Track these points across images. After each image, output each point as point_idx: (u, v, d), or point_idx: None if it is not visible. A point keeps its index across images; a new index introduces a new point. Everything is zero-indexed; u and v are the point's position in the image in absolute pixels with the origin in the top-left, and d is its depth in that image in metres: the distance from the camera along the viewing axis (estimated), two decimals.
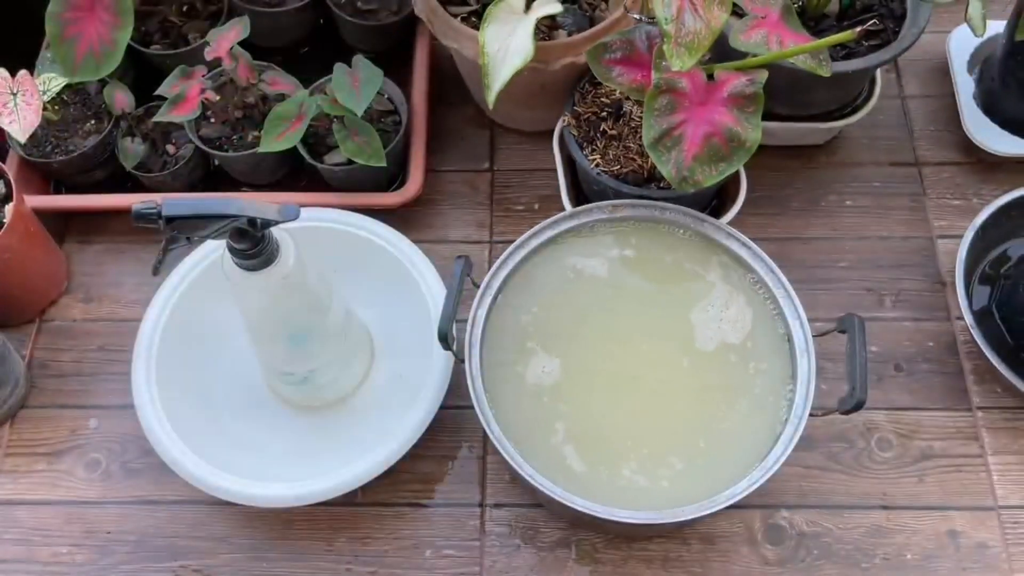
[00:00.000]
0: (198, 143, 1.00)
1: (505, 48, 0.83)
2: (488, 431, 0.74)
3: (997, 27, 1.02)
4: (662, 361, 0.80)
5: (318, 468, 0.83)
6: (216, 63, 0.97)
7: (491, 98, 0.83)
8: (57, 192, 1.07)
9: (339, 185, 1.01)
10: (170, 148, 1.03)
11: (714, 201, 0.96)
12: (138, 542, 0.87)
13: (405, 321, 0.91)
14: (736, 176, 0.92)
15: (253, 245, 0.68)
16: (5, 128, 0.93)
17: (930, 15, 0.91)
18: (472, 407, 0.75)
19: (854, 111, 1.00)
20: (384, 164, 0.95)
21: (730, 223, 0.87)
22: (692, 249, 0.84)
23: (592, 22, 1.00)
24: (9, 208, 0.90)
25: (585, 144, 0.92)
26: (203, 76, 0.97)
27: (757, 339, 0.80)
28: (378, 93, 0.97)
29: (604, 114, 0.93)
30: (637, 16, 0.86)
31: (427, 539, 0.87)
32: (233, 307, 0.78)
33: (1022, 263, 0.96)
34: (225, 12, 1.09)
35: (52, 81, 0.98)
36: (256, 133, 1.00)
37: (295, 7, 1.09)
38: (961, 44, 1.09)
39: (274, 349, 0.83)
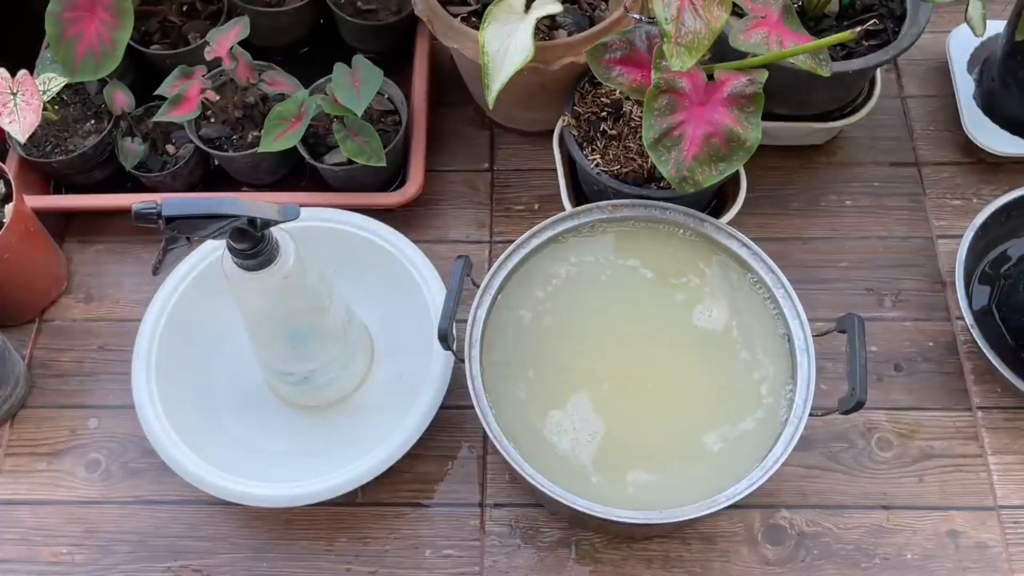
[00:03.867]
0: (198, 143, 1.00)
1: (505, 48, 0.83)
2: (488, 431, 0.74)
3: (997, 27, 1.02)
4: (662, 361, 0.80)
5: (318, 468, 0.83)
6: (216, 63, 0.97)
7: (491, 98, 0.83)
8: (57, 192, 1.07)
9: (339, 185, 1.01)
10: (170, 148, 1.03)
11: (714, 201, 0.96)
12: (138, 542, 0.87)
13: (405, 321, 0.91)
14: (736, 176, 0.92)
15: (253, 245, 0.68)
16: (5, 128, 0.93)
17: (930, 15, 0.91)
18: (472, 407, 0.75)
19: (854, 111, 1.00)
20: (384, 164, 0.95)
21: (730, 223, 0.87)
22: (692, 249, 0.84)
23: (592, 22, 1.00)
24: (9, 208, 0.90)
25: (585, 144, 0.92)
26: (203, 76, 0.97)
27: (757, 339, 0.80)
28: (378, 93, 0.97)
29: (604, 114, 0.93)
30: (637, 16, 0.86)
31: (427, 539, 0.87)
32: (233, 307, 0.77)
33: (1022, 263, 0.96)
34: (225, 12, 1.09)
35: (52, 81, 0.98)
36: (256, 133, 1.00)
37: (295, 7, 1.09)
38: (961, 44, 1.09)
39: (274, 349, 0.83)
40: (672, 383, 0.79)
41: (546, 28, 0.98)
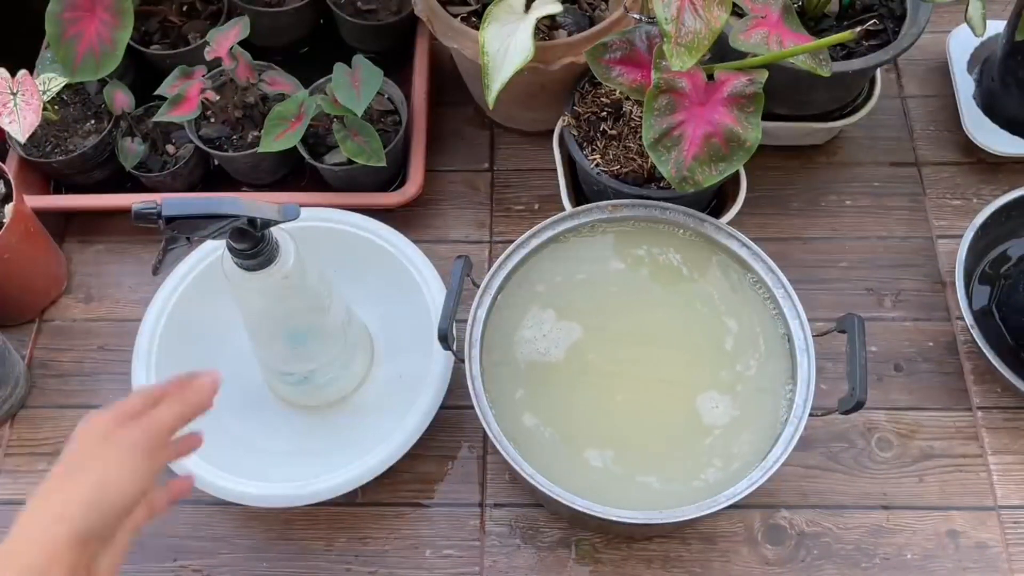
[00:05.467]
0: (198, 143, 1.00)
1: (505, 48, 0.83)
2: (488, 431, 0.74)
3: (997, 27, 1.02)
4: (662, 361, 0.80)
5: (318, 468, 0.83)
6: (216, 63, 0.97)
7: (491, 98, 0.83)
8: (57, 192, 1.07)
9: (339, 185, 1.01)
10: (170, 148, 1.03)
11: (714, 201, 0.96)
12: (138, 542, 0.86)
13: (405, 321, 0.91)
14: (736, 176, 0.92)
15: (253, 245, 0.68)
16: (5, 128, 0.93)
17: (930, 15, 0.91)
18: (472, 407, 0.75)
19: (854, 111, 1.00)
20: (384, 164, 0.95)
21: (730, 223, 0.87)
22: (692, 249, 0.84)
23: (592, 22, 1.00)
24: (9, 208, 0.90)
25: (585, 144, 0.92)
26: (203, 76, 0.97)
27: (756, 339, 0.80)
28: (378, 93, 0.97)
29: (604, 114, 0.93)
30: (637, 16, 0.86)
31: (427, 539, 0.87)
32: (233, 307, 0.77)
33: (1022, 263, 0.96)
34: (225, 12, 1.09)
35: (52, 81, 0.98)
36: (256, 133, 1.00)
37: (295, 7, 1.09)
38: (961, 44, 1.09)
39: (274, 349, 0.83)
40: (672, 382, 0.79)
41: (546, 28, 0.98)
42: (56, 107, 1.02)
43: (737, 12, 0.82)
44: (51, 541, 0.52)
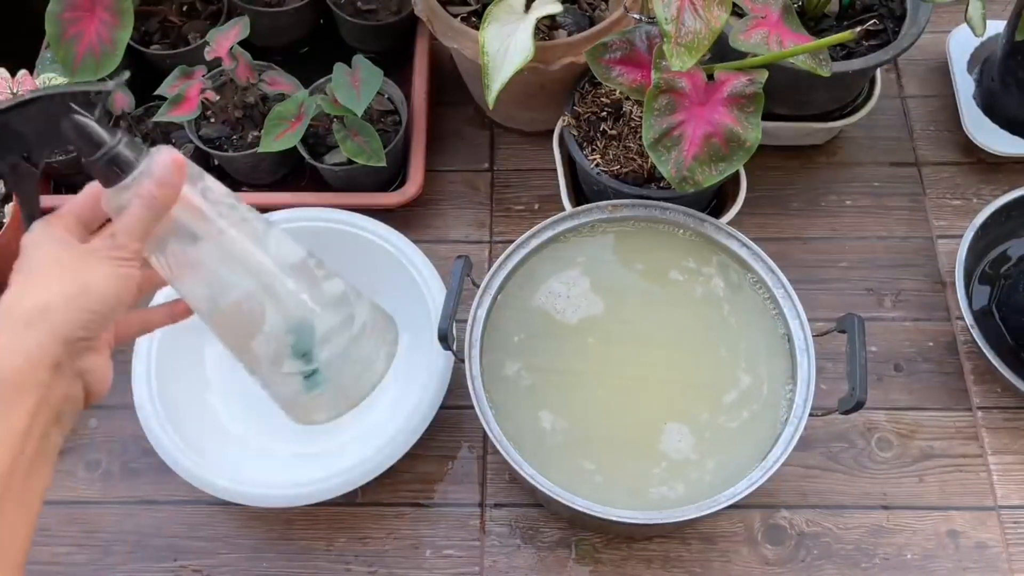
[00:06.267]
0: (198, 143, 1.00)
1: (505, 48, 0.83)
2: (488, 431, 0.74)
3: (997, 27, 1.02)
4: (662, 361, 0.80)
5: (318, 468, 0.83)
6: (216, 63, 0.97)
7: (491, 98, 0.83)
8: (57, 192, 1.07)
9: (339, 185, 1.01)
10: None
11: (714, 201, 0.96)
12: (138, 542, 0.87)
13: (405, 321, 0.90)
14: (736, 176, 0.92)
15: (97, 141, 0.50)
16: None
17: (930, 15, 0.91)
18: (472, 407, 0.75)
19: (854, 111, 1.00)
20: (384, 164, 0.95)
21: (730, 223, 0.87)
22: (692, 249, 0.84)
23: (592, 22, 1.00)
24: (9, 208, 0.90)
25: (585, 144, 0.92)
26: (203, 76, 0.97)
27: (757, 339, 0.80)
28: (378, 93, 0.97)
29: (604, 114, 0.93)
30: (637, 16, 0.86)
31: (427, 539, 0.87)
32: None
33: (1022, 263, 0.96)
34: (225, 12, 1.09)
35: (52, 81, 0.98)
36: (256, 133, 1.00)
37: (295, 7, 1.09)
38: (961, 44, 1.09)
39: (284, 368, 0.63)
40: (672, 382, 0.79)
41: (546, 28, 0.98)
42: None
43: (737, 12, 0.82)
44: (33, 343, 0.46)
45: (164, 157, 0.50)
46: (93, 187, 0.53)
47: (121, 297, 0.50)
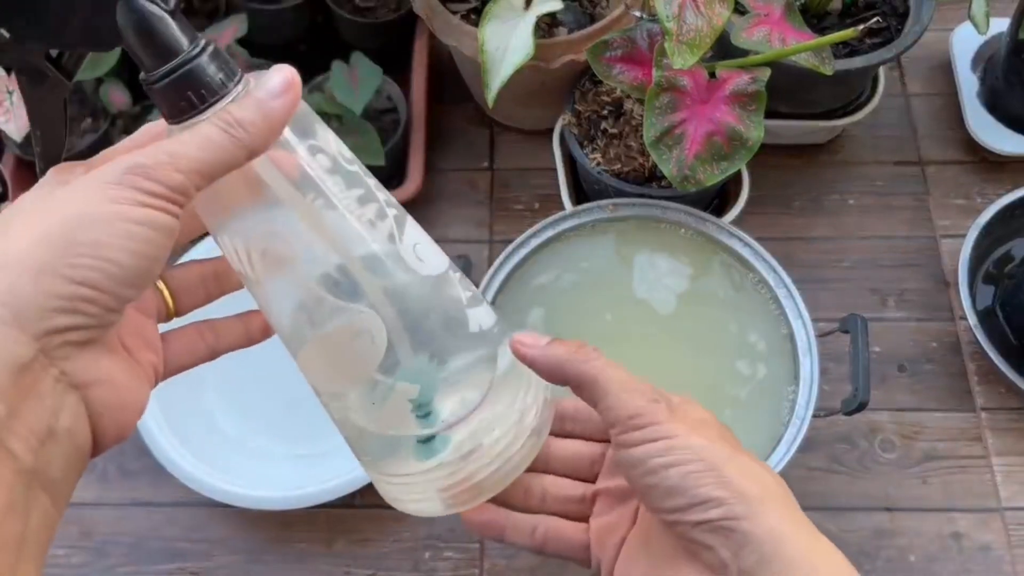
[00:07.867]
0: None
1: (505, 46, 0.82)
2: None
3: (1001, 25, 1.01)
4: (662, 362, 0.79)
5: (317, 470, 0.82)
6: None
7: (491, 96, 0.82)
8: None
9: None
10: None
11: (715, 200, 0.96)
12: (135, 544, 0.87)
13: None
14: (738, 175, 0.92)
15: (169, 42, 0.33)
16: (1, 127, 0.92)
17: (933, 13, 0.91)
18: None
19: (857, 109, 1.00)
20: (383, 162, 0.94)
21: (732, 222, 0.86)
22: (693, 248, 0.84)
23: (593, 20, 0.99)
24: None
25: (585, 143, 0.91)
26: None
27: (759, 340, 0.79)
28: (377, 91, 0.97)
29: (605, 112, 0.92)
30: (638, 14, 0.85)
31: (427, 541, 0.86)
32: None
33: None
34: (223, 9, 1.08)
35: None
36: None
37: (293, 4, 1.09)
38: (964, 42, 1.09)
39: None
40: (674, 383, 0.78)
41: (546, 26, 0.97)
42: None
43: (739, 10, 0.81)
44: None
45: (273, 78, 0.34)
46: (153, 126, 0.37)
47: (141, 256, 0.31)
